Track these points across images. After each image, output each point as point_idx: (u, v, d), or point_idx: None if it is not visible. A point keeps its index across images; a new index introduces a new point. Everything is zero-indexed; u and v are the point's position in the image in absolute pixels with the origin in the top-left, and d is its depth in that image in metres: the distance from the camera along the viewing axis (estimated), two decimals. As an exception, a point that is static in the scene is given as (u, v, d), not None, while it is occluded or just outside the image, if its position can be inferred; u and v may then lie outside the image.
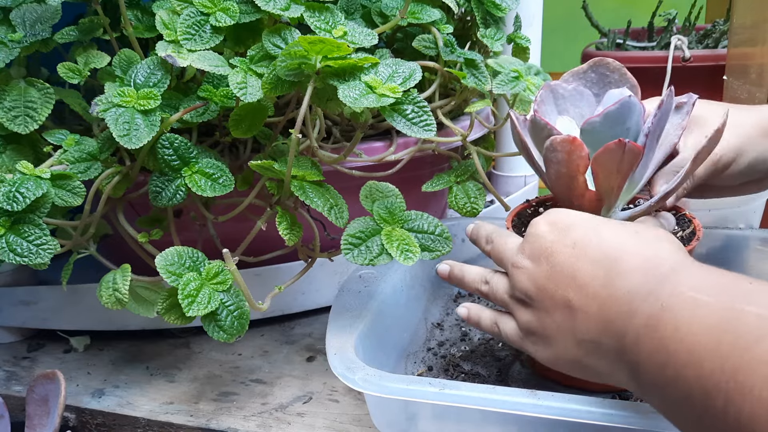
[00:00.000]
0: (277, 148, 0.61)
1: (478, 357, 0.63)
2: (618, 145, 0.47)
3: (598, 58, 0.56)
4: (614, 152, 0.48)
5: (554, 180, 0.52)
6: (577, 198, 0.52)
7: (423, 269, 0.73)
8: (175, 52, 0.55)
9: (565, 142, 0.48)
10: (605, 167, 0.49)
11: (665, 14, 1.24)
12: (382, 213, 0.56)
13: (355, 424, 0.59)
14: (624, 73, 0.56)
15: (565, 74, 0.57)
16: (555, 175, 0.51)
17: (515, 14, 0.78)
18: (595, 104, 0.56)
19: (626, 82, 0.55)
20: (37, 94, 0.57)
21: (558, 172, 0.50)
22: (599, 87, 0.56)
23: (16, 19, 0.60)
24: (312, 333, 0.74)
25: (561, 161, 0.49)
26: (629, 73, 0.55)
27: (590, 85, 0.56)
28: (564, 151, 0.49)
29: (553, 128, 0.50)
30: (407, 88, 0.53)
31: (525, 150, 0.55)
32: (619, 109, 0.49)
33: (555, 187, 0.53)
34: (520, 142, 0.55)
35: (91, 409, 0.63)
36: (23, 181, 0.51)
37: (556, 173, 0.51)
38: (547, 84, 0.56)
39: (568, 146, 0.48)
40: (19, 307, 0.72)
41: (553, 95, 0.56)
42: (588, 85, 0.56)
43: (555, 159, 0.50)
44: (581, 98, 0.56)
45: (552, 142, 0.49)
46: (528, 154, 0.55)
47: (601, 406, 0.44)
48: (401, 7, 0.64)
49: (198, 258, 0.54)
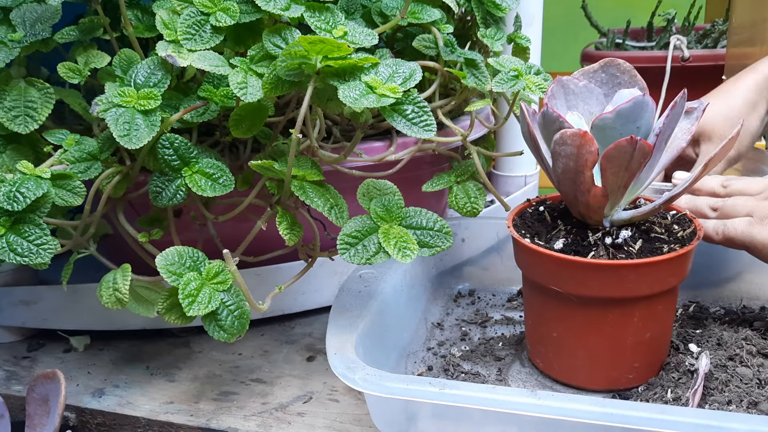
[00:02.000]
0: (277, 148, 0.61)
1: (478, 357, 0.63)
2: (629, 142, 0.47)
3: (609, 59, 0.57)
4: (625, 149, 0.48)
5: (561, 174, 0.52)
6: (582, 193, 0.52)
7: (423, 269, 0.73)
8: (175, 52, 0.55)
9: (575, 136, 0.48)
10: (615, 163, 0.49)
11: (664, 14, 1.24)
12: (379, 211, 0.56)
13: (355, 423, 0.59)
14: (634, 75, 0.56)
15: (576, 72, 0.57)
16: (562, 169, 0.51)
17: (515, 14, 0.78)
18: (604, 102, 0.56)
19: (636, 83, 0.56)
20: (38, 94, 0.57)
21: (566, 165, 0.50)
22: (609, 87, 0.56)
23: (17, 19, 0.60)
24: (312, 333, 0.74)
25: (570, 155, 0.49)
26: (639, 75, 0.56)
27: (600, 85, 0.57)
28: (574, 145, 0.49)
29: (565, 121, 0.50)
30: (407, 88, 0.53)
31: (533, 142, 0.55)
32: (632, 107, 0.50)
33: (561, 181, 0.53)
34: (528, 135, 0.55)
35: (92, 409, 0.63)
36: (23, 180, 0.51)
37: (563, 167, 0.51)
38: (558, 79, 0.56)
39: (578, 140, 0.48)
40: (19, 307, 0.72)
41: (563, 90, 0.56)
42: (598, 84, 0.56)
43: (564, 152, 0.50)
44: (591, 95, 0.56)
45: (562, 135, 0.49)
46: (535, 147, 0.55)
47: (601, 406, 0.44)
48: (401, 7, 0.64)
49: (198, 258, 0.54)
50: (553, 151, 0.51)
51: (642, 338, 0.54)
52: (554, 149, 0.51)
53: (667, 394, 0.54)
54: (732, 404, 0.53)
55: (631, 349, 0.54)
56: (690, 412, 0.43)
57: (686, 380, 0.55)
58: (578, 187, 0.51)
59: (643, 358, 0.55)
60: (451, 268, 0.77)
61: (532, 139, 0.54)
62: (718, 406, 0.53)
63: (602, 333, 0.54)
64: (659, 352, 0.57)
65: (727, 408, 0.53)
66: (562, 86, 0.56)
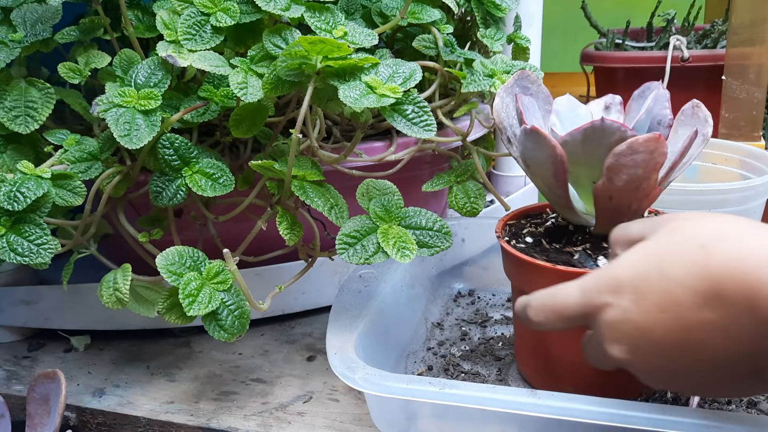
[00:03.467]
0: (277, 148, 0.61)
1: (478, 357, 0.63)
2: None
3: (519, 71, 0.57)
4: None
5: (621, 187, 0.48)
6: (638, 200, 0.50)
7: (423, 269, 0.73)
8: (175, 52, 0.55)
9: (649, 141, 0.46)
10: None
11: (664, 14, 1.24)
12: (378, 211, 0.56)
13: (355, 423, 0.59)
14: (540, 84, 0.57)
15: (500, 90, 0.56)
16: (625, 181, 0.48)
17: (515, 14, 0.78)
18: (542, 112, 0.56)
19: (542, 92, 0.56)
20: (38, 94, 0.57)
21: (631, 176, 0.47)
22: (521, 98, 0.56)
23: (17, 19, 0.60)
24: (312, 332, 0.74)
25: (639, 163, 0.47)
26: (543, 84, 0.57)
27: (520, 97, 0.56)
28: (647, 151, 0.46)
29: (628, 129, 0.47)
30: (407, 89, 0.53)
31: (561, 166, 0.49)
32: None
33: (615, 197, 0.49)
34: (555, 159, 0.49)
35: (92, 409, 0.63)
36: (24, 180, 0.52)
37: (628, 178, 0.48)
38: (519, 95, 0.54)
39: (652, 144, 0.46)
40: (19, 307, 0.72)
41: (531, 104, 0.55)
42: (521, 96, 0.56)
43: (632, 162, 0.47)
44: (535, 108, 0.56)
45: (632, 145, 0.46)
46: (562, 171, 0.50)
47: (601, 406, 0.44)
48: (401, 7, 0.64)
49: (198, 258, 0.54)
50: (612, 166, 0.47)
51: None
52: (615, 163, 0.47)
53: (667, 394, 0.54)
54: (732, 404, 0.53)
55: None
56: (690, 412, 0.43)
57: (686, 380, 0.55)
58: (640, 194, 0.49)
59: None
60: (451, 268, 0.77)
61: (560, 164, 0.49)
62: (717, 406, 0.53)
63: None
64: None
65: (727, 408, 0.53)
66: (519, 101, 0.54)
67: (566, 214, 0.55)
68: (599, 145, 0.48)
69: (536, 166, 0.52)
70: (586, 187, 0.53)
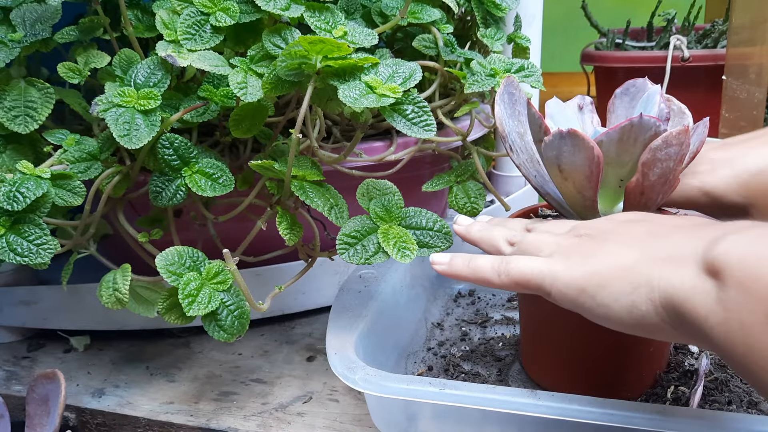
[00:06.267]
0: (277, 148, 0.61)
1: (478, 357, 0.63)
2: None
3: (506, 78, 0.56)
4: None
5: (653, 181, 0.48)
6: (665, 193, 0.50)
7: (423, 269, 0.73)
8: (175, 51, 0.55)
9: (681, 134, 0.46)
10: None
11: (664, 14, 1.24)
12: (378, 211, 0.56)
13: (355, 423, 0.59)
14: (520, 88, 0.57)
15: (497, 97, 0.56)
16: (658, 175, 0.48)
17: (515, 14, 0.78)
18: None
19: (522, 97, 0.57)
20: (38, 94, 0.57)
21: (664, 169, 0.47)
22: (512, 106, 0.56)
23: (17, 19, 0.60)
24: (312, 333, 0.74)
25: (672, 156, 0.47)
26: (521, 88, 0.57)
27: (511, 104, 0.56)
28: (679, 144, 0.46)
29: (662, 123, 0.47)
30: (407, 88, 0.53)
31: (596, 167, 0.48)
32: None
33: (649, 190, 0.49)
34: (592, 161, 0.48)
35: (92, 409, 0.63)
36: (23, 180, 0.51)
37: (661, 172, 0.48)
38: (531, 103, 0.54)
39: (683, 137, 0.46)
40: (19, 307, 0.72)
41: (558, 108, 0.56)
42: (509, 104, 0.56)
43: (666, 156, 0.47)
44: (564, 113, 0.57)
45: (666, 138, 0.46)
46: (597, 172, 0.49)
47: (601, 406, 0.44)
48: (401, 7, 0.64)
49: (198, 258, 0.54)
50: (648, 161, 0.47)
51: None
52: (651, 158, 0.47)
53: (667, 394, 0.54)
54: (732, 404, 0.53)
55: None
56: (690, 412, 0.43)
57: (686, 380, 0.55)
58: (665, 188, 0.49)
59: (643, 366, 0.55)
60: (451, 268, 0.77)
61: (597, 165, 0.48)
62: (718, 406, 0.53)
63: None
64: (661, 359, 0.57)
65: (727, 408, 0.53)
66: (547, 108, 0.55)
67: (587, 215, 0.55)
68: (634, 143, 0.48)
69: (571, 169, 0.50)
70: (612, 186, 0.53)
